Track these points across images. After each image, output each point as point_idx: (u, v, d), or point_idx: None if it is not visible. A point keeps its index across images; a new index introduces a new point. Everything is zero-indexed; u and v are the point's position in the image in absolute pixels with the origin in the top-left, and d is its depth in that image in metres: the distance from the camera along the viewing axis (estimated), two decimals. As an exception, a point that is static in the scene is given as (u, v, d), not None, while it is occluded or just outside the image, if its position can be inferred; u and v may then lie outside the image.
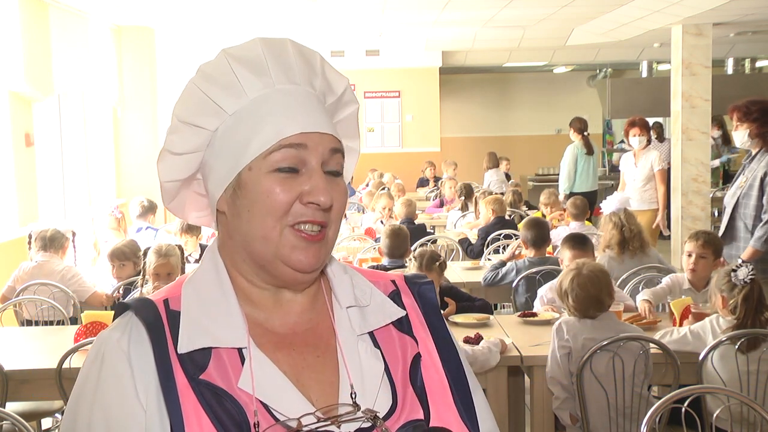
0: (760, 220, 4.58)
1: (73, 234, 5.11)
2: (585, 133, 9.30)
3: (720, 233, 4.80)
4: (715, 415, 2.90)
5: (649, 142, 7.50)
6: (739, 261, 3.52)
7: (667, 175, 7.57)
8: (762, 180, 4.62)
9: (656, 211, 7.49)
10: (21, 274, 4.92)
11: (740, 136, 4.76)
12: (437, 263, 4.18)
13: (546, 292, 4.45)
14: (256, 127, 1.04)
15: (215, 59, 1.08)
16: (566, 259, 4.41)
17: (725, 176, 11.45)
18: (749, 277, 3.35)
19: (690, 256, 4.22)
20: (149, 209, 6.60)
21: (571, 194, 8.63)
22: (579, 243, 4.48)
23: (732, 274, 3.39)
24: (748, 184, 4.73)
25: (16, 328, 4.61)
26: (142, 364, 1.02)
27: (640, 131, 7.36)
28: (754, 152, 4.78)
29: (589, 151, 9.22)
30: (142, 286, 4.21)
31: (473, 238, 6.93)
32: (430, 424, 1.06)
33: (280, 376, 1.04)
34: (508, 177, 12.09)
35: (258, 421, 0.99)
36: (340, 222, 1.09)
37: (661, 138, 12.27)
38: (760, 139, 4.71)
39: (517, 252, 5.33)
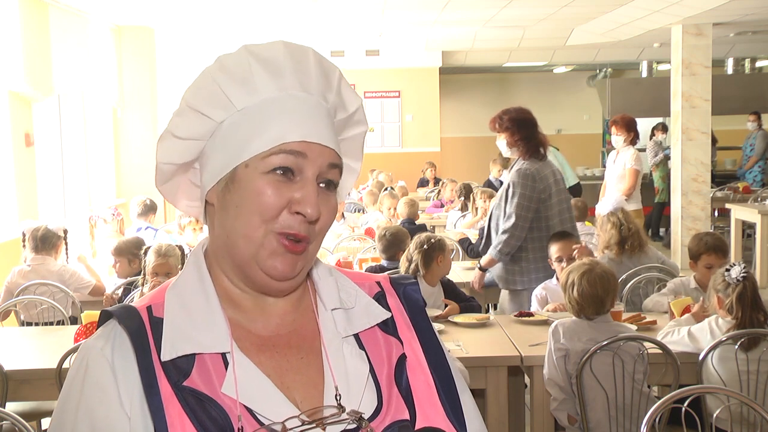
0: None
1: (65, 231, 5.05)
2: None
3: (481, 245, 4.88)
4: (715, 415, 2.90)
5: (632, 142, 7.42)
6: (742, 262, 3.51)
7: (636, 175, 7.32)
8: (506, 190, 4.66)
9: (636, 211, 7.23)
10: (15, 278, 4.86)
11: (502, 145, 4.77)
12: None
13: (539, 290, 4.45)
14: (261, 126, 1.04)
15: (235, 53, 1.08)
16: (553, 252, 4.41)
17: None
18: (742, 275, 3.35)
19: (710, 268, 4.13)
20: (150, 209, 6.59)
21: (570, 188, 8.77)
22: (563, 235, 4.49)
23: (726, 273, 3.39)
24: (499, 195, 4.79)
25: (16, 328, 4.61)
26: (125, 372, 1.01)
27: (617, 130, 7.35)
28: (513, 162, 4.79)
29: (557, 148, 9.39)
30: (142, 285, 4.22)
31: (473, 237, 6.93)
32: (417, 425, 1.06)
33: (264, 379, 1.04)
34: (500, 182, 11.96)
35: (242, 426, 0.99)
36: (323, 238, 1.09)
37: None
38: (516, 149, 4.71)
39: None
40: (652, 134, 11.96)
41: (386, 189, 9.11)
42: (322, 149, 1.05)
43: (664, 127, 12.34)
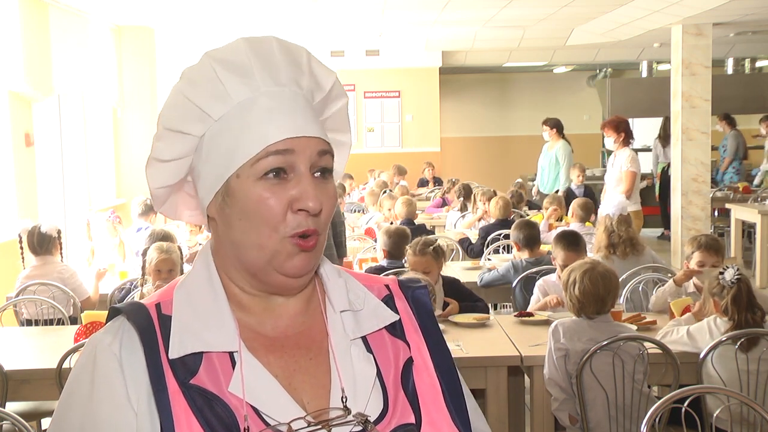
0: None
1: (59, 232, 5.04)
2: (563, 133, 9.43)
3: None
4: (715, 415, 2.90)
5: (625, 142, 7.38)
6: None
7: (633, 177, 7.26)
8: None
9: (635, 212, 7.16)
10: (23, 280, 4.88)
11: None
12: (431, 247, 4.20)
13: (541, 282, 4.46)
14: (242, 133, 1.03)
15: (199, 63, 1.07)
16: (559, 259, 4.39)
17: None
18: (736, 277, 3.35)
19: (702, 266, 4.15)
20: (150, 209, 6.58)
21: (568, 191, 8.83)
22: (573, 243, 4.44)
23: (720, 276, 3.39)
24: None
25: (16, 328, 4.61)
26: (133, 368, 1.02)
27: (607, 131, 7.38)
28: None
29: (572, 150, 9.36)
30: (142, 285, 4.22)
31: (473, 237, 6.93)
32: (422, 429, 1.06)
33: (271, 379, 1.04)
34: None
35: (248, 426, 0.99)
36: (328, 225, 1.09)
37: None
38: None
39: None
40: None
41: (385, 191, 9.12)
42: (308, 140, 1.04)
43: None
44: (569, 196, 8.62)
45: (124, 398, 1.00)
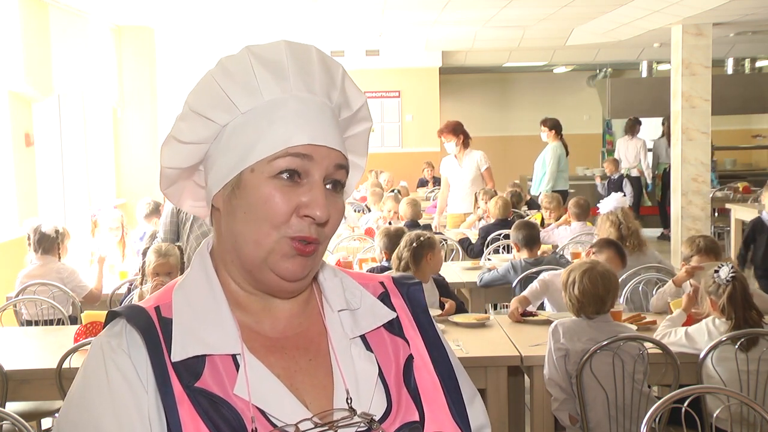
0: None
1: (56, 231, 5.03)
2: (561, 134, 9.42)
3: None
4: (715, 415, 2.90)
5: (466, 144, 7.61)
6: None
7: (491, 173, 7.71)
8: None
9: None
10: (23, 281, 4.89)
11: None
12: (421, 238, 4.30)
13: (545, 277, 4.48)
14: (266, 130, 1.04)
15: (237, 55, 1.07)
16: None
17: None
18: (731, 275, 3.34)
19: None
20: (155, 210, 6.58)
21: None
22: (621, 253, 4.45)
23: (715, 275, 3.39)
24: None
25: (16, 328, 4.61)
26: (143, 369, 1.01)
27: (446, 137, 7.56)
28: None
29: (567, 152, 9.31)
30: (141, 285, 4.22)
31: (473, 237, 6.93)
32: (425, 426, 1.07)
33: (275, 381, 1.04)
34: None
35: (255, 428, 0.99)
36: (331, 238, 1.09)
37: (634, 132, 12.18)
38: None
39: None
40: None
41: (392, 191, 9.12)
42: (328, 151, 1.05)
43: None
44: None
45: (144, 393, 1.00)
